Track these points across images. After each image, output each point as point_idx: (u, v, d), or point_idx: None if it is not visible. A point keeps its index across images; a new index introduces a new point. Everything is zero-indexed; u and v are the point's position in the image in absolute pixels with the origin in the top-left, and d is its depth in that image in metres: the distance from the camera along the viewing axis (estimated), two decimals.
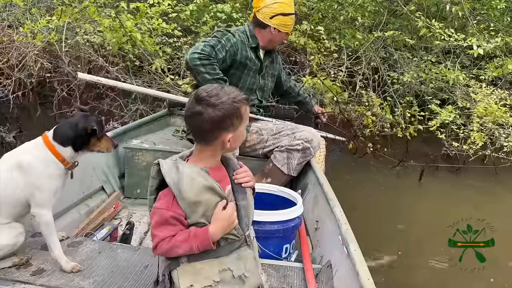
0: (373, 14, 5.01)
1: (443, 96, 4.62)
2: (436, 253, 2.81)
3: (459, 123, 4.15)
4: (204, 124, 1.27)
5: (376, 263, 2.73)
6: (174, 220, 1.25)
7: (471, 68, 4.72)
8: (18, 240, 1.64)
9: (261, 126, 2.74)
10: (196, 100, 1.29)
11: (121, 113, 4.26)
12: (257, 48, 2.77)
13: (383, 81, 4.51)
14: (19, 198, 1.64)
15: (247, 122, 1.35)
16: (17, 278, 1.59)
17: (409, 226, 3.29)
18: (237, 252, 1.32)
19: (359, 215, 3.03)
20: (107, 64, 4.32)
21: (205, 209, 1.27)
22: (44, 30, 4.19)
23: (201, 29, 4.57)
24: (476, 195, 3.94)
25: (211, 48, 2.53)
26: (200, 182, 1.27)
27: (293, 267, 1.77)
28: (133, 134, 2.97)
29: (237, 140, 1.34)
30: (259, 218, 1.83)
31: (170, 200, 1.26)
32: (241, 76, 2.72)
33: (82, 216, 2.30)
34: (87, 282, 1.58)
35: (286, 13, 2.71)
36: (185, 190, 1.24)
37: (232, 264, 1.30)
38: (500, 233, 2.27)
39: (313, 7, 4.72)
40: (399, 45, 4.88)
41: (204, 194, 1.26)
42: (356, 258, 1.51)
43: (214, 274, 1.28)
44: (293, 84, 3.30)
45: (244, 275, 1.31)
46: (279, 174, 2.63)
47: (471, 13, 4.75)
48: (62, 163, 1.69)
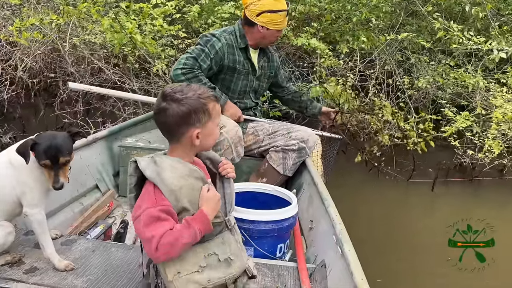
0: (389, 15, 4.83)
1: (461, 103, 4.45)
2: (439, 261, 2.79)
3: (477, 131, 3.92)
4: (169, 120, 1.32)
5: (374, 265, 2.72)
6: (164, 214, 1.27)
7: (494, 72, 4.52)
8: (7, 239, 1.65)
9: (257, 126, 2.75)
10: (162, 97, 1.34)
11: (122, 115, 4.24)
12: (247, 49, 2.72)
13: (397, 86, 4.37)
14: (11, 197, 1.65)
15: (217, 120, 1.39)
16: (9, 276, 1.60)
17: (413, 236, 3.26)
18: (220, 236, 1.37)
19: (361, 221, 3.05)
20: (108, 66, 4.30)
21: (188, 193, 1.31)
22: (35, 28, 4.16)
23: (208, 31, 4.51)
24: (489, 209, 3.74)
25: (193, 60, 2.54)
26: (181, 167, 1.32)
27: (287, 266, 1.79)
28: (128, 133, 2.99)
29: (208, 138, 1.38)
30: (254, 218, 1.86)
31: (152, 196, 1.28)
32: (231, 80, 2.71)
33: (76, 214, 2.34)
34: (81, 280, 1.59)
35: (274, 10, 2.61)
36: (167, 177, 1.28)
37: (217, 248, 1.35)
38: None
39: (325, 7, 4.59)
40: (417, 48, 4.71)
41: (187, 179, 1.31)
42: (350, 258, 1.53)
43: (200, 259, 1.32)
44: (293, 89, 3.23)
45: (230, 258, 1.36)
46: (275, 174, 2.65)
47: (495, 14, 4.59)
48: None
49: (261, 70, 2.83)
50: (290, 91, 3.13)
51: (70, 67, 4.36)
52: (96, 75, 4.52)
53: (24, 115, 4.83)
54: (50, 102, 4.79)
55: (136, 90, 4.29)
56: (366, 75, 4.34)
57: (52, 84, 4.83)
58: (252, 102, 2.86)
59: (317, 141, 2.81)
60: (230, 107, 2.65)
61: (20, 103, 4.80)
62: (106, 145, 2.78)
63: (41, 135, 1.66)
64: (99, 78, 4.45)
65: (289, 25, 4.34)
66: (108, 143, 2.80)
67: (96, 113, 4.44)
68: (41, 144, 1.60)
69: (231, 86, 2.73)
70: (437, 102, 4.43)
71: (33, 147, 1.60)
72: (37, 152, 1.61)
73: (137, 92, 4.27)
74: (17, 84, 4.46)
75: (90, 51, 4.42)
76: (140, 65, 4.44)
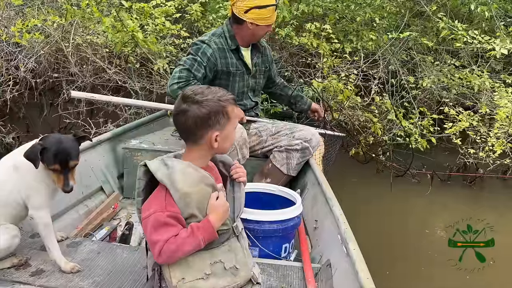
0: (394, 15, 4.82)
1: (466, 103, 4.40)
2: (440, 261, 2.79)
3: (480, 131, 3.89)
4: (189, 121, 1.32)
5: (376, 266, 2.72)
6: (173, 220, 1.28)
7: (502, 73, 4.48)
8: (13, 243, 1.67)
9: (259, 127, 2.76)
10: (182, 99, 1.35)
11: (124, 115, 4.25)
12: (238, 49, 2.70)
13: (401, 86, 4.34)
14: (16, 200, 1.66)
15: (235, 123, 1.39)
16: (16, 279, 1.63)
17: (413, 236, 3.28)
18: (227, 244, 1.37)
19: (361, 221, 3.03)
20: (110, 66, 4.31)
21: (198, 200, 1.31)
22: (38, 29, 4.18)
23: (209, 31, 4.52)
24: (491, 209, 3.72)
25: (187, 72, 2.54)
26: (192, 173, 1.32)
27: (293, 266, 1.81)
28: (132, 134, 3.01)
29: (226, 140, 1.38)
30: (259, 218, 1.88)
31: (162, 200, 1.29)
32: (227, 83, 2.70)
33: (81, 216, 2.36)
34: (87, 282, 1.61)
35: (262, 5, 2.58)
36: (178, 181, 1.29)
37: (223, 256, 1.35)
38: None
39: (329, 7, 4.59)
40: (422, 48, 4.67)
41: (197, 185, 1.32)
42: (355, 257, 1.54)
43: (205, 266, 1.32)
44: (283, 83, 3.19)
45: (235, 267, 1.36)
46: (279, 174, 2.66)
47: (503, 16, 4.54)
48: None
49: (255, 67, 2.82)
50: (279, 86, 3.11)
51: (73, 67, 4.37)
52: (98, 75, 4.53)
53: (29, 115, 4.86)
54: (54, 102, 4.82)
55: (137, 90, 4.30)
56: (369, 75, 4.32)
57: (57, 84, 4.85)
58: (252, 101, 2.86)
59: (320, 140, 2.81)
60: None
61: (24, 103, 4.83)
62: (110, 147, 2.80)
63: (48, 139, 1.67)
64: (101, 78, 4.46)
65: (291, 25, 4.34)
66: (112, 145, 2.82)
67: (99, 114, 4.46)
68: (50, 149, 1.62)
69: (229, 90, 2.71)
70: (442, 102, 4.38)
71: (42, 152, 1.62)
72: (46, 157, 1.62)
73: (139, 92, 4.29)
74: (20, 84, 4.48)
75: (93, 51, 4.43)
76: (142, 65, 4.45)
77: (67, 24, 4.21)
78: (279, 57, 4.47)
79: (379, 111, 4.11)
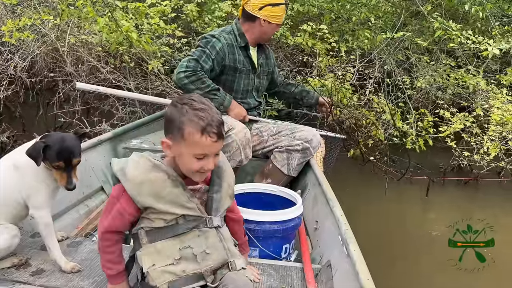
0: (390, 15, 4.87)
1: (461, 104, 4.46)
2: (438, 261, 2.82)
3: (475, 132, 3.94)
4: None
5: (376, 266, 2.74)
6: (117, 213, 1.39)
7: (497, 74, 4.53)
8: (13, 242, 1.67)
9: (261, 127, 2.78)
10: (182, 99, 1.41)
11: (120, 114, 4.25)
12: (247, 47, 2.76)
13: (396, 86, 4.37)
14: (16, 199, 1.67)
15: (193, 151, 1.33)
16: (16, 278, 1.62)
17: (413, 236, 3.30)
18: (197, 229, 1.41)
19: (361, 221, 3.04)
20: (105, 65, 4.30)
21: (151, 188, 1.34)
22: (33, 28, 4.17)
23: (205, 31, 4.53)
24: (490, 209, 3.76)
25: (195, 62, 2.56)
26: (144, 162, 1.37)
27: (293, 267, 1.81)
28: (133, 134, 3.01)
29: (178, 158, 1.37)
30: (259, 218, 1.89)
31: (120, 193, 1.38)
32: (233, 80, 2.75)
33: (81, 216, 2.36)
34: (87, 282, 1.62)
35: (275, 3, 2.67)
36: (129, 172, 1.35)
37: (192, 241, 1.39)
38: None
39: (325, 7, 4.63)
40: (418, 48, 4.71)
41: (149, 172, 1.35)
42: (356, 258, 1.54)
43: (174, 252, 1.38)
44: (287, 81, 3.25)
45: (205, 252, 1.40)
46: (279, 175, 2.68)
47: (500, 15, 4.61)
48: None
49: (260, 67, 2.87)
50: (282, 85, 3.17)
51: (69, 66, 4.37)
52: (94, 74, 4.52)
53: (25, 114, 4.85)
54: (50, 102, 4.82)
55: (132, 89, 4.30)
56: (365, 74, 4.36)
57: (53, 84, 4.84)
58: (256, 101, 2.90)
59: (321, 141, 2.83)
60: (235, 106, 2.68)
61: (20, 102, 4.82)
62: (111, 147, 2.80)
63: (50, 137, 1.69)
64: (97, 78, 4.46)
65: (286, 24, 4.36)
66: (113, 145, 2.82)
67: (94, 113, 4.46)
68: (53, 147, 1.64)
69: (234, 86, 2.76)
70: (437, 102, 4.44)
71: (44, 149, 1.63)
72: (49, 155, 1.64)
73: (133, 91, 4.27)
74: (16, 83, 4.47)
75: (88, 51, 4.43)
76: (137, 64, 4.45)
77: (63, 23, 4.21)
78: (276, 57, 4.49)
79: (374, 111, 4.15)
